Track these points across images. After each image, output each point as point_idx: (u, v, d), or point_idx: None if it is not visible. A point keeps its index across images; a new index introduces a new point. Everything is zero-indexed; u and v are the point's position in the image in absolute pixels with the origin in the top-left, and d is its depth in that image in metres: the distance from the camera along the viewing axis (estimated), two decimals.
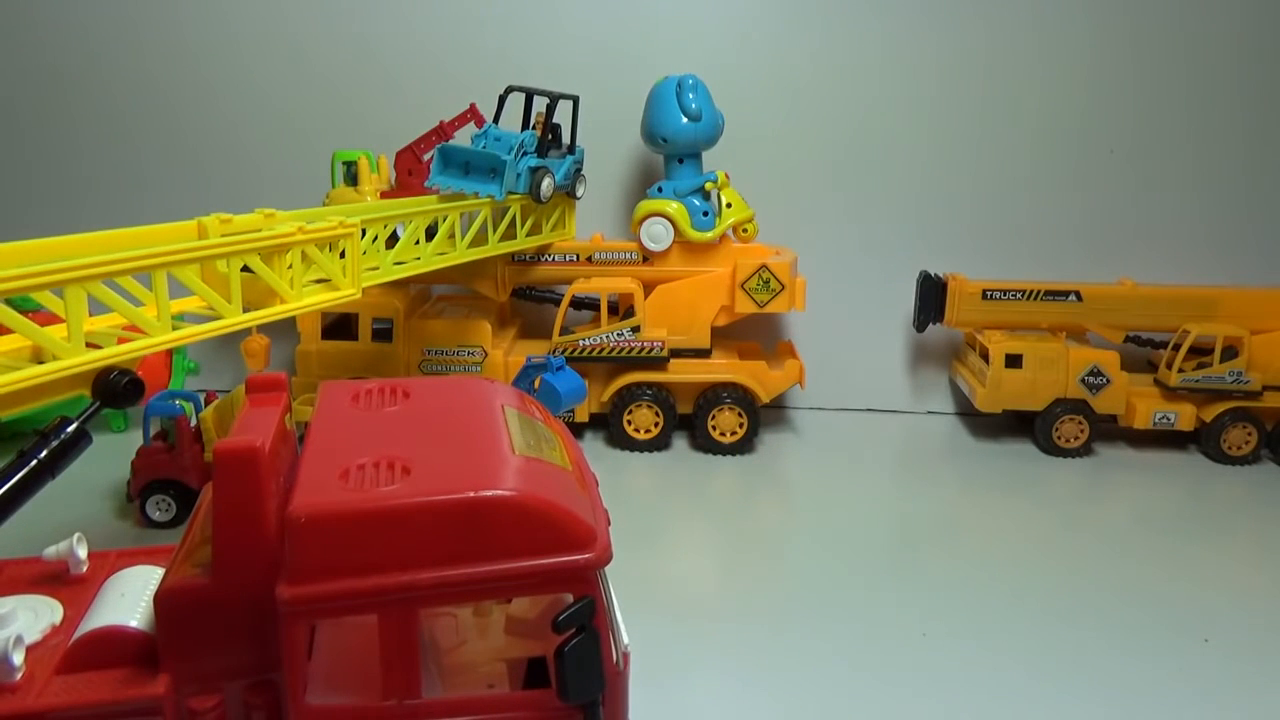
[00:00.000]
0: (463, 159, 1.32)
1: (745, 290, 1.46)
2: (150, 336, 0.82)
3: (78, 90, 1.62)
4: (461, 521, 0.56)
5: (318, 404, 0.71)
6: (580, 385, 1.25)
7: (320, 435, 0.65)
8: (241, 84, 1.62)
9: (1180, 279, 1.57)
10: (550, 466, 0.63)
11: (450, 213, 1.26)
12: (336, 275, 1.02)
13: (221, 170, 1.64)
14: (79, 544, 0.70)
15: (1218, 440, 1.49)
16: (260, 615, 0.57)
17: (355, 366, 1.45)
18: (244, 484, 0.57)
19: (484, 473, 0.59)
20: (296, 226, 0.94)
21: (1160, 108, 1.60)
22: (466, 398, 0.72)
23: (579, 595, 0.58)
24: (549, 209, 1.45)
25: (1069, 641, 0.98)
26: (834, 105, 1.61)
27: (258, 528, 0.58)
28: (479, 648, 0.69)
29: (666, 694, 0.88)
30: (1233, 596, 1.08)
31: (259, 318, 0.93)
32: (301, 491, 0.57)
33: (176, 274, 0.83)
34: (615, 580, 1.09)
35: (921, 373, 1.72)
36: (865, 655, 0.95)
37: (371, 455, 0.61)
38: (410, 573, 0.55)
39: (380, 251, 1.13)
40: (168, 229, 0.88)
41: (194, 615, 0.59)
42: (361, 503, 0.56)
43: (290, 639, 0.55)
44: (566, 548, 0.57)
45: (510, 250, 1.40)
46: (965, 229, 1.65)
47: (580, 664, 0.58)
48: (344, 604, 0.55)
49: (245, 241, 0.89)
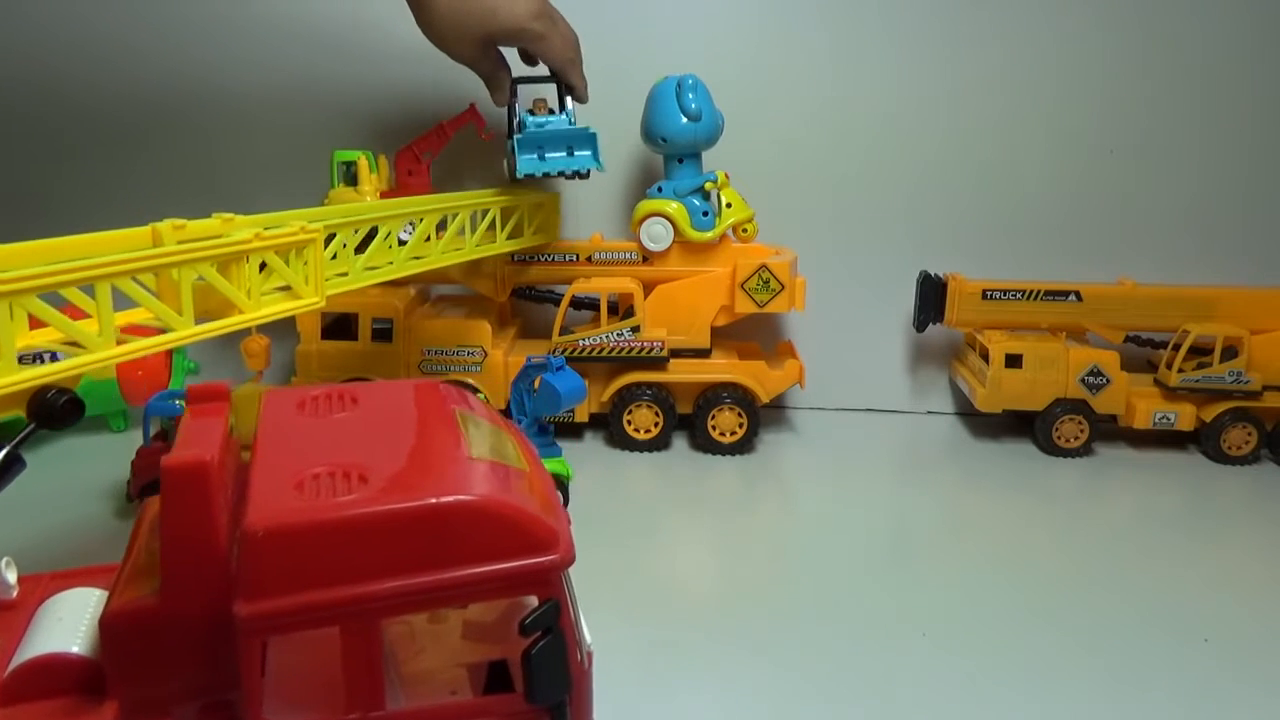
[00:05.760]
0: (539, 141, 1.35)
1: (745, 290, 1.46)
2: (90, 352, 0.76)
3: (76, 90, 1.62)
4: (423, 529, 0.55)
5: (261, 413, 0.69)
6: (580, 385, 1.25)
7: (269, 445, 0.63)
8: (241, 84, 1.62)
9: (1180, 279, 1.57)
10: (508, 469, 0.62)
11: (427, 216, 1.22)
12: (298, 283, 0.96)
13: (221, 170, 1.65)
14: (7, 568, 0.66)
15: (1218, 440, 1.49)
16: (213, 634, 0.56)
17: (355, 366, 1.45)
18: (193, 500, 0.56)
19: (443, 478, 0.58)
20: (253, 233, 0.89)
21: (1160, 108, 1.60)
22: (416, 402, 0.71)
23: (544, 597, 0.57)
24: (532, 211, 1.43)
25: (1069, 641, 0.98)
26: (834, 105, 1.61)
27: (208, 544, 0.56)
28: (437, 654, 0.68)
29: (667, 693, 0.88)
30: (1233, 596, 1.08)
31: (213, 330, 0.87)
32: (256, 504, 0.55)
33: (120, 285, 0.77)
34: (616, 579, 1.09)
35: (921, 373, 1.72)
36: (865, 655, 0.95)
37: (325, 464, 0.59)
38: (372, 583, 0.54)
39: (350, 256, 1.08)
40: (120, 236, 0.84)
41: (143, 638, 0.57)
42: (320, 513, 0.54)
43: (248, 657, 0.54)
44: (530, 550, 0.57)
45: (489, 254, 1.37)
46: (965, 229, 1.65)
47: (548, 666, 0.58)
48: (305, 618, 0.54)
49: (197, 250, 0.84)
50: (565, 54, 1.35)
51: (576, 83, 1.39)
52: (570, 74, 1.38)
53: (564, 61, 1.36)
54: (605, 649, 0.95)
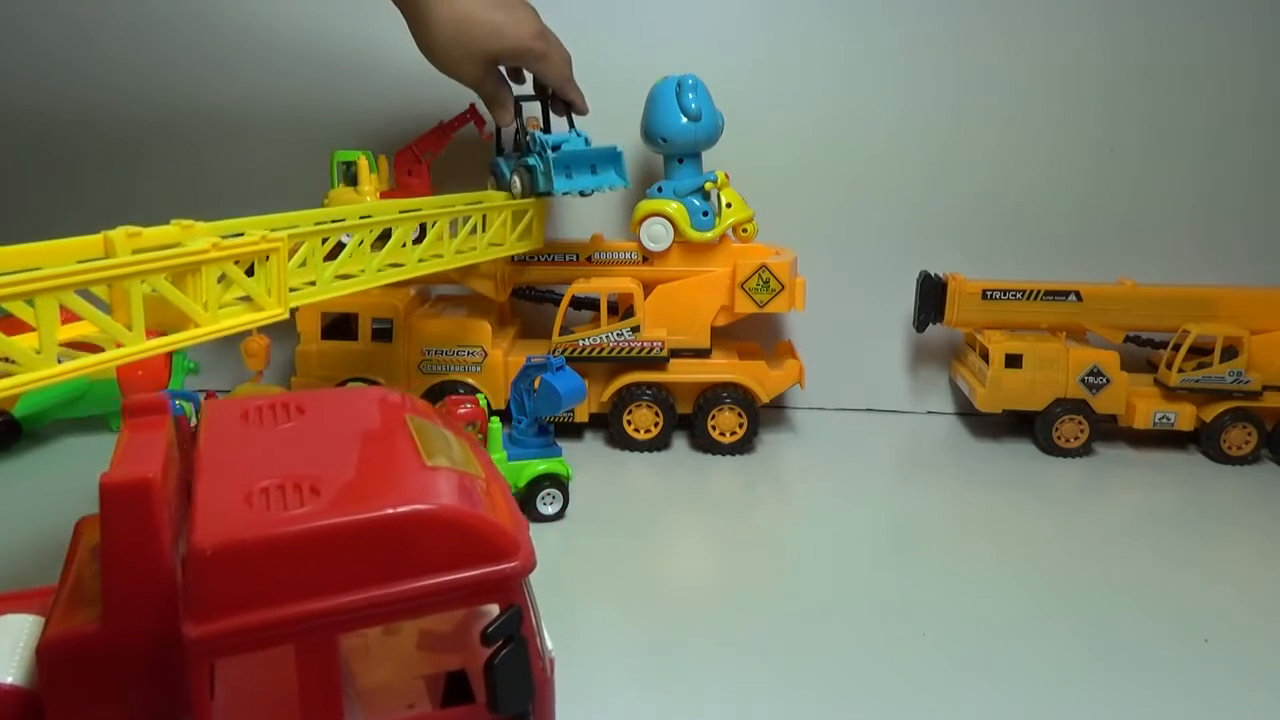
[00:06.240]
0: (568, 161, 1.36)
1: (745, 290, 1.46)
2: (26, 371, 0.71)
3: (75, 91, 1.62)
4: (380, 540, 0.53)
5: (204, 425, 0.66)
6: (580, 385, 1.25)
7: (214, 459, 0.61)
8: (241, 84, 1.62)
9: (1180, 279, 1.57)
10: (464, 475, 0.60)
11: (401, 223, 1.16)
12: (259, 294, 0.92)
13: (221, 170, 1.65)
14: None
15: (1218, 440, 1.49)
16: (159, 659, 0.54)
17: (355, 366, 1.45)
18: (135, 519, 0.53)
19: (398, 487, 0.57)
20: (210, 242, 0.85)
21: (1161, 108, 1.60)
22: (366, 409, 0.69)
23: (505, 605, 0.56)
24: (516, 217, 1.39)
25: (1069, 641, 0.98)
26: (834, 105, 1.61)
27: (153, 565, 0.54)
28: (394, 667, 0.66)
29: (667, 693, 0.88)
30: (1233, 596, 1.08)
31: (167, 344, 0.83)
32: (203, 521, 0.52)
33: (64, 300, 0.72)
34: (616, 579, 1.09)
35: (921, 373, 1.72)
36: (865, 655, 0.95)
37: (274, 476, 0.57)
38: (328, 598, 0.52)
39: (319, 266, 1.03)
40: (71, 245, 0.79)
41: (84, 665, 0.54)
42: (271, 529, 0.52)
43: (198, 680, 0.51)
44: (490, 558, 0.55)
45: (468, 263, 1.32)
46: (965, 229, 1.65)
47: (511, 675, 0.56)
48: (258, 638, 0.51)
49: (149, 261, 0.79)
50: (564, 71, 1.37)
51: (575, 98, 1.41)
52: (569, 90, 1.40)
53: (563, 79, 1.38)
54: (605, 648, 0.96)
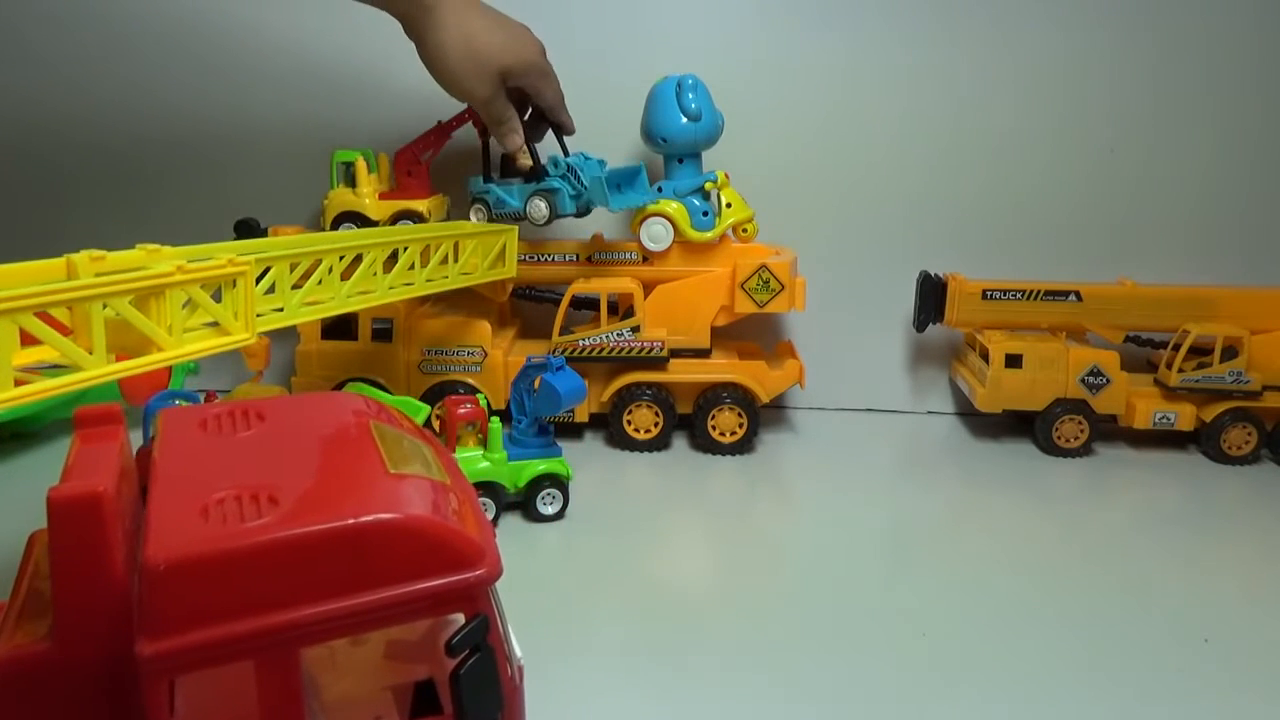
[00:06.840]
0: (618, 179, 1.43)
1: (745, 290, 1.46)
2: None
3: (73, 90, 1.62)
4: (341, 551, 0.52)
5: (159, 434, 0.64)
6: (580, 385, 1.25)
7: (169, 469, 0.59)
8: (241, 84, 1.62)
9: (1180, 279, 1.57)
10: (428, 482, 0.59)
11: (372, 249, 1.15)
12: (226, 319, 0.92)
13: (221, 170, 1.65)
14: None
15: (1218, 440, 1.49)
16: (112, 679, 0.53)
17: (355, 366, 1.45)
18: (86, 534, 0.52)
19: (360, 496, 0.55)
20: (176, 265, 0.86)
21: (1161, 108, 1.60)
22: (327, 416, 0.68)
23: (471, 614, 0.55)
24: (488, 244, 1.36)
25: (1069, 641, 0.98)
26: (834, 106, 1.61)
27: (105, 581, 0.52)
28: (359, 678, 0.64)
29: (666, 693, 0.88)
30: (1233, 596, 1.08)
31: (131, 368, 0.83)
32: (157, 535, 0.51)
33: (21, 321, 0.72)
34: (615, 579, 1.09)
35: (921, 373, 1.72)
36: (865, 655, 0.95)
37: (231, 487, 0.55)
38: (288, 611, 0.51)
39: (287, 291, 1.03)
40: (33, 268, 0.79)
41: (33, 687, 0.53)
42: (227, 541, 0.51)
43: (153, 700, 0.50)
44: (455, 567, 0.54)
45: (440, 290, 1.28)
46: (965, 229, 1.65)
47: (478, 685, 0.55)
48: (215, 654, 0.50)
49: (112, 284, 0.79)
50: (559, 91, 1.39)
51: (566, 120, 1.43)
52: (561, 111, 1.41)
53: (560, 99, 1.40)
54: (605, 648, 0.96)
